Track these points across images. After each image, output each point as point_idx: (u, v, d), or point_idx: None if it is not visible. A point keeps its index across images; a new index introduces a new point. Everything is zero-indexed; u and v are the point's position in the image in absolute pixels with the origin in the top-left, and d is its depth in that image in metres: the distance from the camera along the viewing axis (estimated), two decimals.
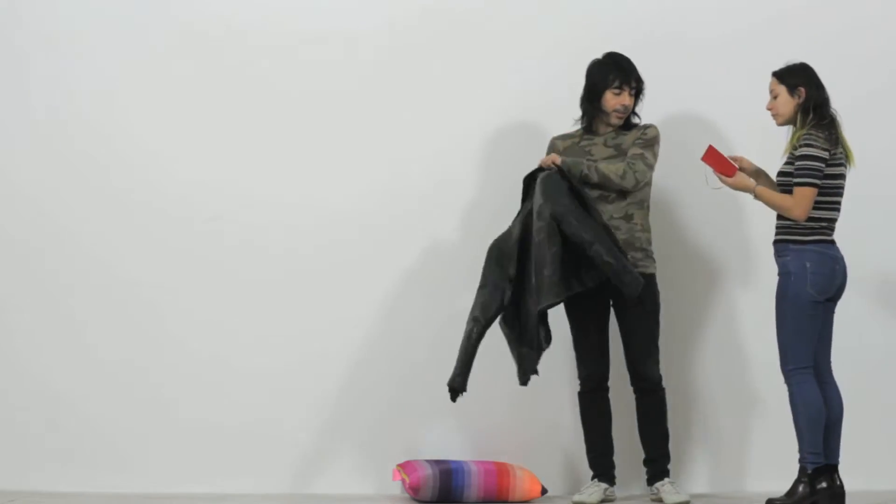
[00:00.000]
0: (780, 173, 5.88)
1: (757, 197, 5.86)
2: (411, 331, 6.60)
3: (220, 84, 6.58)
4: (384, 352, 6.58)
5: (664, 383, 6.25)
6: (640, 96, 6.27)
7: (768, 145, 6.11)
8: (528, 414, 6.61)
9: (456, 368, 6.07)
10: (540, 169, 6.17)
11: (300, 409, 6.52)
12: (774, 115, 5.94)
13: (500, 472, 6.30)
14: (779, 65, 5.91)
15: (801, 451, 5.81)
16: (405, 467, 6.33)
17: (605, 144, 6.24)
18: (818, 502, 5.77)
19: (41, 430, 6.46)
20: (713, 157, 5.90)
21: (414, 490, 6.21)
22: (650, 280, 6.21)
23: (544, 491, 6.37)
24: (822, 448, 5.75)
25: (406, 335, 6.59)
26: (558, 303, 5.95)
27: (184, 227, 6.54)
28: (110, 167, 6.54)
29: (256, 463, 6.49)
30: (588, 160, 6.18)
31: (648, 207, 6.26)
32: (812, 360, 5.78)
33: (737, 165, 5.92)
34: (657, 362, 6.23)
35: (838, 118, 5.85)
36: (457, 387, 6.06)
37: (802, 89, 5.84)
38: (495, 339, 6.59)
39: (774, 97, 5.92)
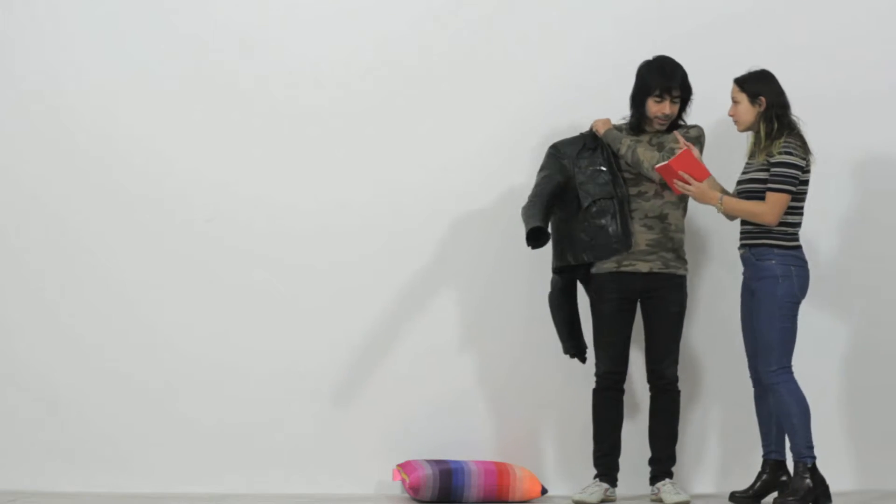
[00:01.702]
0: (748, 180, 5.91)
1: (722, 207, 5.91)
2: (411, 332, 6.59)
3: (221, 86, 6.57)
4: (384, 352, 6.58)
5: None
6: (688, 104, 6.24)
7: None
8: (529, 414, 6.61)
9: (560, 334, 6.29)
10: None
11: (300, 409, 6.52)
12: (735, 122, 6.02)
13: (500, 472, 6.30)
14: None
15: (795, 448, 5.88)
16: (405, 467, 6.33)
17: (650, 143, 6.23)
18: (820, 496, 5.86)
19: (41, 430, 6.46)
20: (686, 162, 5.89)
21: (414, 490, 6.21)
22: (681, 282, 6.23)
23: (544, 491, 6.37)
24: (812, 442, 5.83)
25: (406, 336, 6.59)
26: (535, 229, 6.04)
27: (185, 227, 6.54)
28: (111, 166, 6.53)
29: (256, 463, 6.49)
30: (633, 140, 6.18)
31: (685, 209, 6.26)
32: (792, 360, 5.89)
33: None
34: (676, 362, 6.24)
35: (800, 123, 5.93)
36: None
37: (763, 98, 5.91)
38: (496, 339, 6.60)
39: (736, 104, 5.97)
